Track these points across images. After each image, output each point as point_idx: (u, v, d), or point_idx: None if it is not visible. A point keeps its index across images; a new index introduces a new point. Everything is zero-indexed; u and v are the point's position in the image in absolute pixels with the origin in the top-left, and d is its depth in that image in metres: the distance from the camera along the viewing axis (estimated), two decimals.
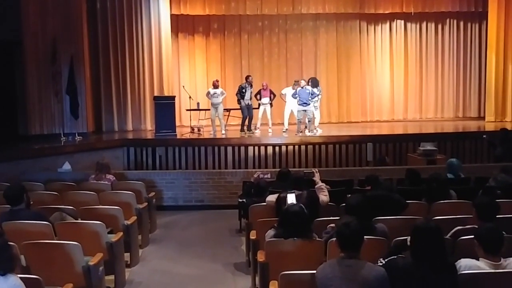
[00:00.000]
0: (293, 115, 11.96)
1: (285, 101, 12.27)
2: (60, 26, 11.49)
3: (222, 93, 11.74)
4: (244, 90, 11.72)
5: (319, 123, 12.40)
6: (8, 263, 3.09)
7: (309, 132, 11.31)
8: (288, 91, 12.12)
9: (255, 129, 12.23)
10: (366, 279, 3.00)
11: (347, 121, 15.34)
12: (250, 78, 12.05)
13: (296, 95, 11.42)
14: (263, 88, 12.11)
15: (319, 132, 11.80)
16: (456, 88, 15.85)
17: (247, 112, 11.85)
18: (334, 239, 3.91)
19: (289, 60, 15.43)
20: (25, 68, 11.05)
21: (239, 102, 11.83)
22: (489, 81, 14.45)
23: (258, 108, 12.22)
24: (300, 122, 11.42)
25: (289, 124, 12.29)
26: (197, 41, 15.14)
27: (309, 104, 11.25)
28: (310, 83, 11.73)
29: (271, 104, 12.20)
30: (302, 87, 11.35)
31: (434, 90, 15.81)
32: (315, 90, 11.60)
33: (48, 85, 11.20)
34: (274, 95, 12.28)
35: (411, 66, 15.75)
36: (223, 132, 11.62)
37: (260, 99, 12.09)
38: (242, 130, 11.88)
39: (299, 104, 11.31)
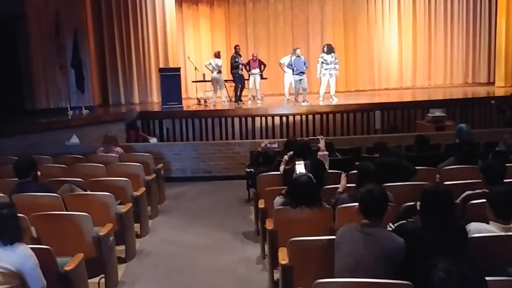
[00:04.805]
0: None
1: (284, 71, 11.98)
2: None
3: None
4: (237, 60, 11.64)
5: (335, 92, 11.94)
6: (15, 233, 3.09)
7: (303, 102, 11.16)
8: (287, 60, 11.82)
9: (249, 99, 12.06)
10: (384, 248, 2.97)
11: (355, 90, 15.18)
12: (238, 47, 11.94)
13: (291, 65, 11.26)
14: (252, 59, 11.96)
15: (335, 100, 11.40)
16: (466, 54, 15.57)
17: (240, 82, 11.80)
18: (347, 204, 3.91)
19: (295, 27, 15.19)
20: (29, 42, 10.98)
21: (233, 73, 11.74)
22: (499, 46, 14.16)
23: (248, 79, 12.07)
24: (298, 91, 11.28)
25: (290, 94, 12.07)
26: (201, 11, 14.92)
27: (304, 73, 11.14)
28: (325, 49, 11.47)
29: (261, 75, 12.01)
30: (297, 56, 11.17)
31: (443, 56, 15.55)
32: (329, 57, 11.35)
33: (52, 58, 11.14)
34: (264, 66, 12.09)
35: (420, 32, 15.46)
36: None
37: (249, 70, 11.94)
38: (236, 100, 11.76)
39: (294, 74, 11.18)
